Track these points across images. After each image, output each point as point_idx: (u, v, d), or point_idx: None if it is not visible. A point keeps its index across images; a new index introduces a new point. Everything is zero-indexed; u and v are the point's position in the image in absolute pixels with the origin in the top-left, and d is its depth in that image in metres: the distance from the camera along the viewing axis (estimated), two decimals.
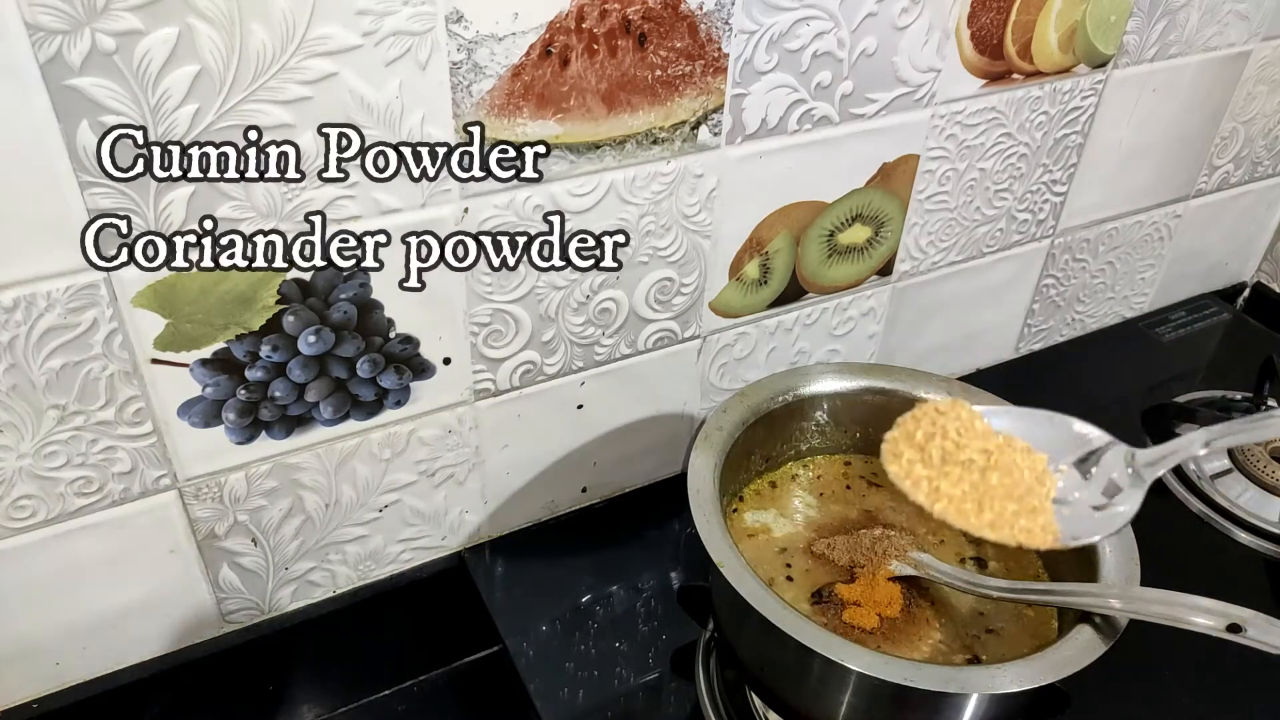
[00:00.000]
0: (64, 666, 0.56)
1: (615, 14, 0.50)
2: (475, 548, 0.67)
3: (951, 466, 0.48)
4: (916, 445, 0.49)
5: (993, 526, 0.47)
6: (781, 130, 0.59)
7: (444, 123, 0.49)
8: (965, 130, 0.67)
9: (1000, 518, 0.47)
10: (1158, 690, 0.60)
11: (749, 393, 0.60)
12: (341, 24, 0.44)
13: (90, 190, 0.43)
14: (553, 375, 0.62)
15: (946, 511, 0.47)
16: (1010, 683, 0.44)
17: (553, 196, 0.54)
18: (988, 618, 0.54)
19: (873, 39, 0.59)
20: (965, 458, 0.48)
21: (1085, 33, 0.68)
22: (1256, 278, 1.00)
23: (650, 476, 0.72)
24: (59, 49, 0.39)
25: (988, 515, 0.47)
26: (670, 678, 0.60)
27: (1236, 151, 0.86)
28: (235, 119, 0.44)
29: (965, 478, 0.47)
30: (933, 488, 0.48)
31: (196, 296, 0.48)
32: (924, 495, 0.48)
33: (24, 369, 0.46)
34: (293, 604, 0.62)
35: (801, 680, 0.50)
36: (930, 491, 0.48)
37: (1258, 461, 0.73)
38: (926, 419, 0.49)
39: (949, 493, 0.47)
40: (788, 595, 0.55)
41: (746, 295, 0.66)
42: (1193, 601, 0.45)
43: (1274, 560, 0.69)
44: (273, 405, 0.53)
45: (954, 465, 0.48)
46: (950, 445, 0.48)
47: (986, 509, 0.47)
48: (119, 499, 0.52)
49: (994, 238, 0.76)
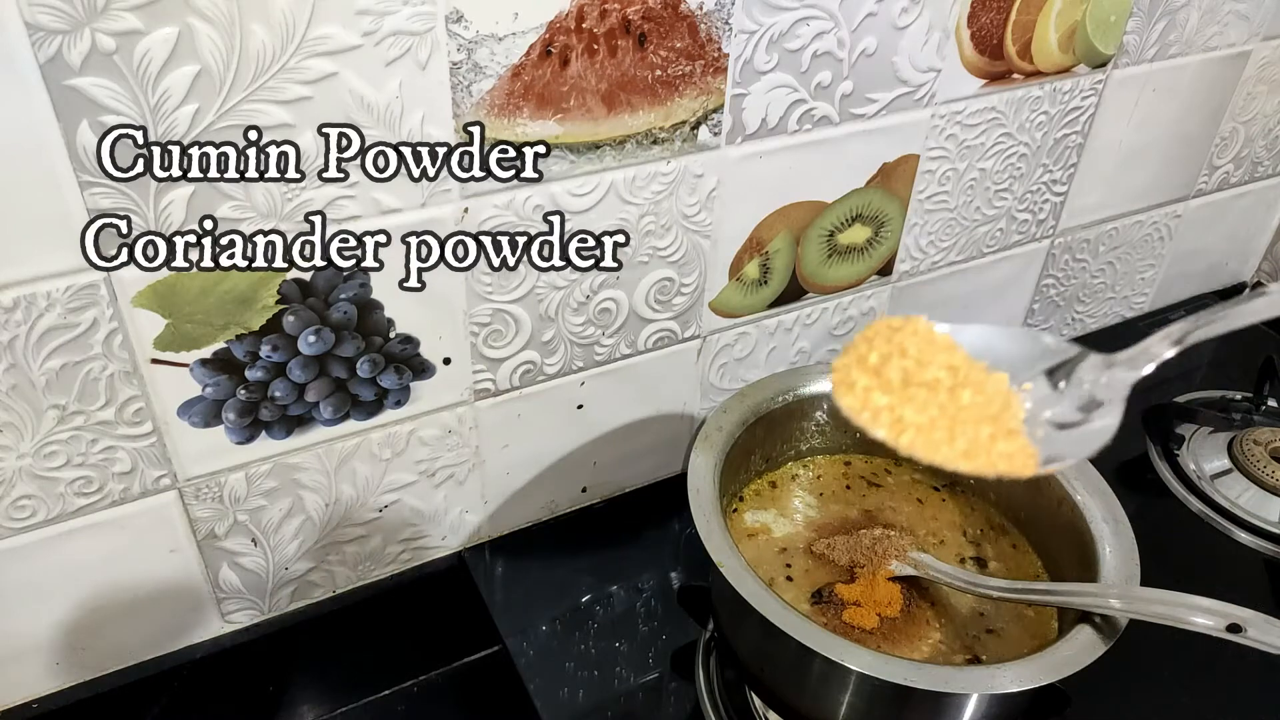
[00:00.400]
0: (64, 666, 0.56)
1: (615, 14, 0.50)
2: (475, 548, 0.67)
3: (915, 389, 0.40)
4: (871, 369, 0.41)
5: (967, 455, 0.40)
6: (781, 130, 0.59)
7: (444, 123, 0.49)
8: (965, 130, 0.67)
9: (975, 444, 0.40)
10: (1158, 690, 0.60)
11: (749, 393, 0.60)
12: (341, 24, 0.44)
13: (90, 190, 0.43)
14: (553, 375, 0.62)
15: (915, 444, 0.40)
16: (1010, 683, 0.44)
17: (553, 196, 0.54)
18: (988, 618, 0.54)
19: (873, 39, 0.59)
20: (930, 377, 0.40)
21: (1085, 33, 0.68)
22: (1256, 278, 1.00)
23: (650, 476, 0.72)
24: (59, 49, 0.39)
25: (960, 443, 0.40)
26: (670, 678, 0.60)
27: (1236, 151, 0.86)
28: (235, 119, 0.44)
29: (932, 400, 0.40)
30: (895, 417, 0.40)
31: (196, 296, 0.48)
32: (886, 428, 0.40)
33: (24, 369, 0.46)
34: (293, 604, 0.62)
35: (801, 680, 0.50)
36: (893, 423, 0.40)
37: (1258, 461, 0.73)
38: (880, 338, 0.42)
39: (914, 420, 0.40)
40: (788, 595, 0.55)
41: (746, 295, 0.66)
42: (1193, 601, 0.45)
43: (1274, 560, 0.69)
44: (273, 405, 0.53)
45: (918, 387, 0.40)
46: (911, 364, 0.41)
47: (959, 435, 0.40)
48: (119, 499, 0.52)
49: (994, 238, 0.76)
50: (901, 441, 0.40)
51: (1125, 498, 0.53)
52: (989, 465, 0.40)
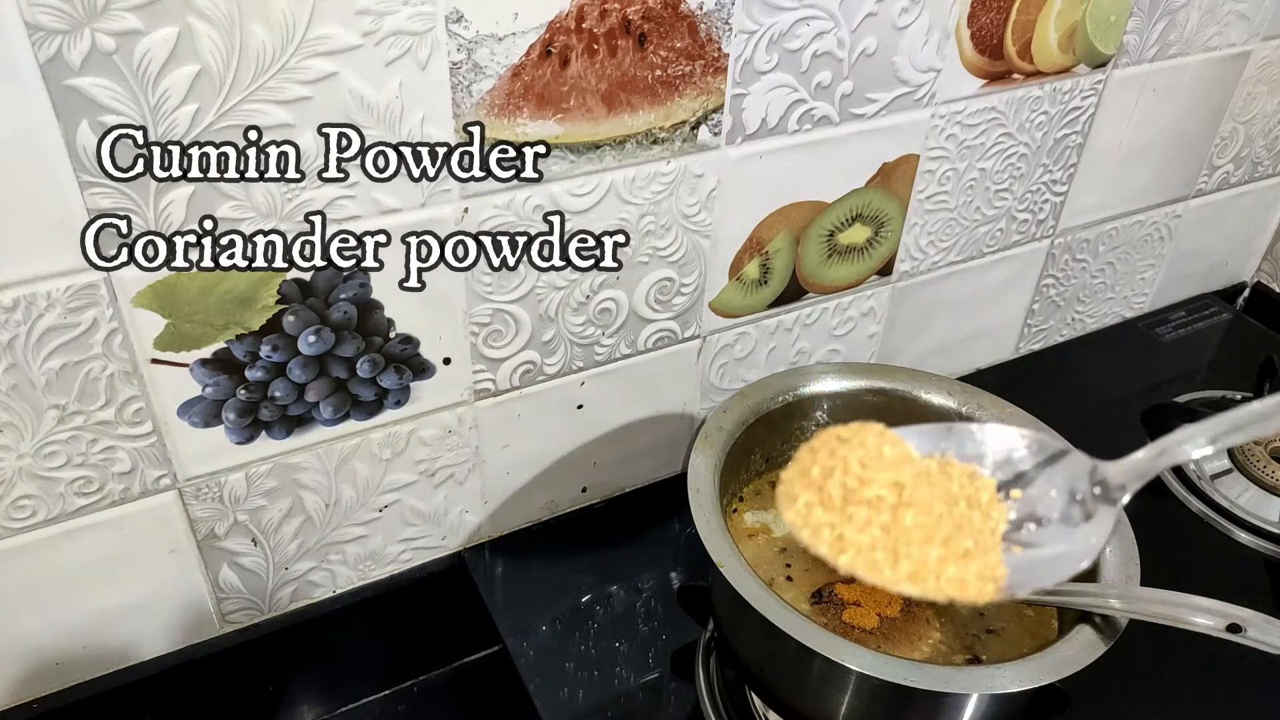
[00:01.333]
0: (64, 666, 0.56)
1: (615, 14, 0.50)
2: (475, 548, 0.67)
3: (856, 507, 0.39)
4: (814, 484, 0.40)
5: (913, 578, 0.38)
6: (781, 130, 0.59)
7: (444, 123, 0.49)
8: (965, 130, 0.67)
9: (922, 567, 0.38)
10: (1158, 690, 0.60)
11: (749, 393, 0.60)
12: (341, 24, 0.44)
13: (90, 190, 0.43)
14: (553, 375, 0.62)
15: (855, 564, 0.38)
16: (1010, 683, 0.44)
17: (553, 196, 0.54)
18: (988, 618, 0.54)
19: (873, 39, 0.59)
20: (872, 494, 0.39)
21: (1085, 33, 0.68)
22: (1256, 278, 1.00)
23: (650, 476, 0.72)
24: (59, 49, 0.39)
25: (905, 566, 0.38)
26: (670, 678, 0.60)
27: (1236, 151, 0.86)
28: (235, 119, 0.44)
29: (874, 520, 0.38)
30: (835, 535, 0.39)
31: (196, 296, 0.48)
32: (826, 546, 0.39)
33: (24, 369, 0.46)
34: (293, 604, 0.62)
35: (801, 680, 0.50)
36: (833, 541, 0.39)
37: (1258, 461, 0.73)
38: (825, 450, 0.40)
39: (855, 540, 0.38)
40: (788, 595, 0.55)
41: (746, 295, 0.66)
42: (1193, 601, 0.45)
43: (1274, 560, 0.69)
44: (273, 405, 0.53)
45: (858, 505, 0.39)
46: (853, 481, 0.39)
47: (903, 557, 0.38)
48: (119, 499, 0.52)
49: (994, 238, 0.76)
50: (841, 561, 0.38)
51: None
52: (937, 590, 0.38)
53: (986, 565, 0.38)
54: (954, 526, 0.39)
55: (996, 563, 0.38)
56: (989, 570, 0.38)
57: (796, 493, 0.40)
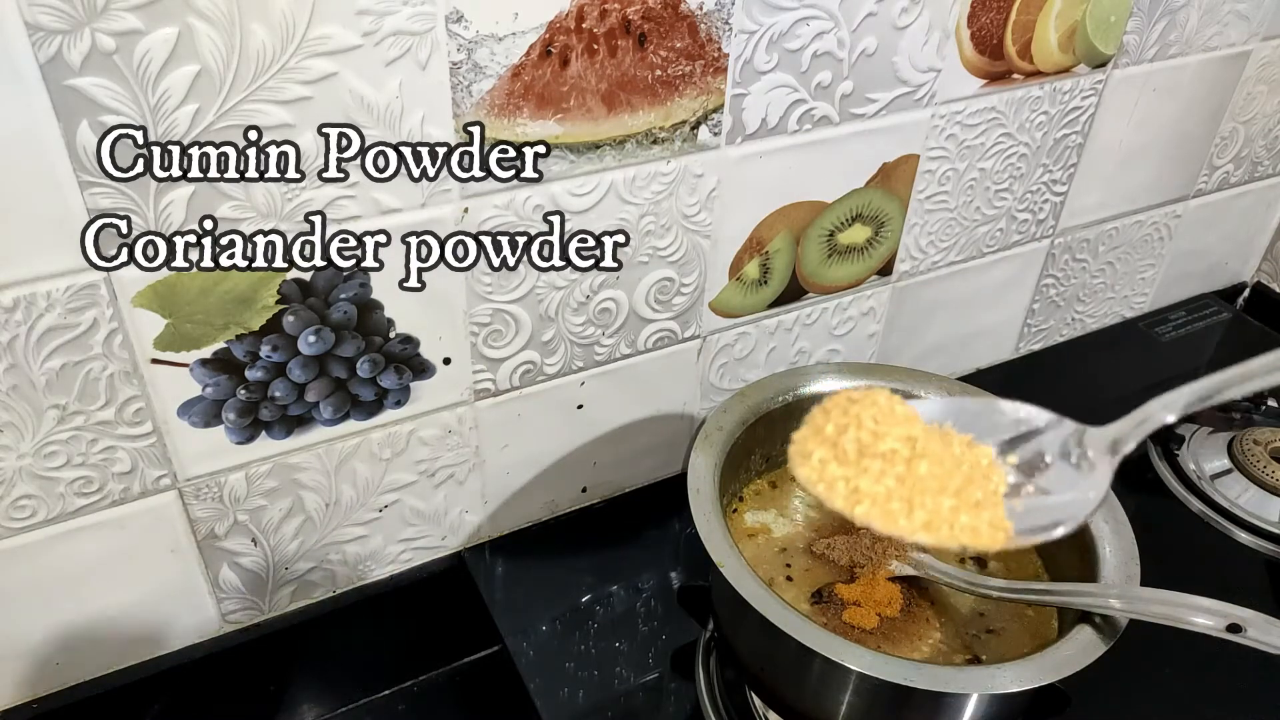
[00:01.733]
0: (64, 666, 0.56)
1: (615, 14, 0.50)
2: (475, 548, 0.67)
3: (870, 460, 0.40)
4: (828, 441, 0.41)
5: (928, 527, 0.39)
6: (781, 130, 0.59)
7: (444, 123, 0.49)
8: (965, 130, 0.67)
9: (935, 516, 0.39)
10: (1158, 690, 0.60)
11: (749, 393, 0.60)
12: (341, 24, 0.44)
13: (90, 190, 0.43)
14: (553, 375, 0.62)
15: (870, 515, 0.40)
16: (1010, 683, 0.44)
17: (553, 196, 0.54)
18: (988, 618, 0.54)
19: (873, 39, 0.59)
20: (886, 448, 0.40)
21: (1085, 33, 0.68)
22: (1256, 278, 1.00)
23: (650, 476, 0.72)
24: (59, 49, 0.39)
25: (920, 515, 0.39)
26: (670, 678, 0.60)
27: (1236, 151, 0.86)
28: (235, 119, 0.44)
29: (888, 471, 0.40)
30: (851, 489, 0.40)
31: (196, 296, 0.48)
32: (842, 499, 0.40)
33: (24, 369, 0.46)
34: (293, 604, 0.62)
35: (801, 680, 0.50)
36: (849, 494, 0.40)
37: (1258, 461, 0.73)
38: (837, 409, 0.42)
39: (870, 491, 0.40)
40: (788, 595, 0.55)
41: (746, 295, 0.66)
42: (1193, 601, 0.45)
43: (1274, 560, 0.69)
44: (273, 405, 0.53)
45: (873, 458, 0.40)
46: (867, 436, 0.40)
47: (917, 507, 0.40)
48: (119, 499, 0.52)
49: (994, 238, 0.76)
50: (857, 512, 0.40)
51: (1125, 498, 0.53)
52: (951, 538, 0.39)
53: (996, 515, 0.40)
54: (964, 479, 0.40)
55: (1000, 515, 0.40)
56: (998, 520, 0.40)
57: (810, 449, 0.41)
